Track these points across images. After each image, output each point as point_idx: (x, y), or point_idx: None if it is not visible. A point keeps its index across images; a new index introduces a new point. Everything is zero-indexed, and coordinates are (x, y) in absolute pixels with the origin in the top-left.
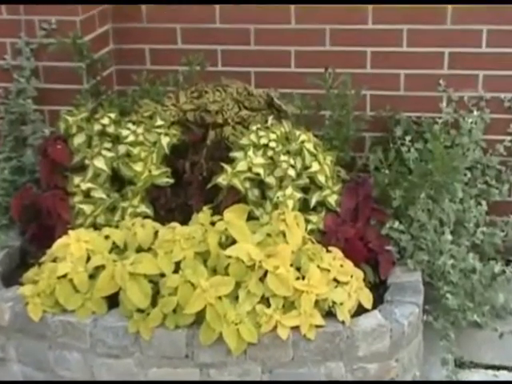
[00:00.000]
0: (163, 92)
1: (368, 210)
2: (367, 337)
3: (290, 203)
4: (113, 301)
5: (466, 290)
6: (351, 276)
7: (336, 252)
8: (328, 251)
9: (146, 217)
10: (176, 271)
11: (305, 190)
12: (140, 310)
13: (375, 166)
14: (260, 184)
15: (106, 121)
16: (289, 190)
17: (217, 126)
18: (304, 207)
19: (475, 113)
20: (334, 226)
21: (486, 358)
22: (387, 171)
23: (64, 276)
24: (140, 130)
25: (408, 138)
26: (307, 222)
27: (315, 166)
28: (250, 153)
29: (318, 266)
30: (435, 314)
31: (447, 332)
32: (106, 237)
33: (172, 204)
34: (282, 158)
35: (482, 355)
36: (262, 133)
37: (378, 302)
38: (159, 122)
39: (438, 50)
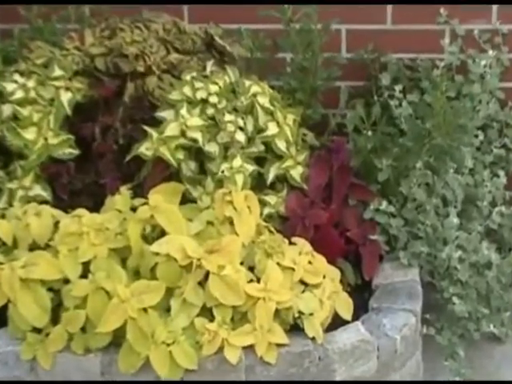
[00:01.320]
0: (62, 31)
1: (345, 187)
2: (346, 357)
3: (239, 179)
4: None
5: (478, 292)
6: (323, 277)
7: (303, 244)
8: (292, 243)
9: (42, 202)
10: (84, 275)
11: (259, 160)
12: (36, 330)
13: (354, 126)
14: (198, 154)
15: None
16: (237, 162)
17: (137, 75)
18: (258, 184)
19: (489, 52)
20: (299, 208)
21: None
22: (370, 133)
23: None
24: (31, 84)
25: (398, 87)
26: (263, 204)
27: (272, 129)
28: (183, 111)
29: (279, 264)
30: (438, 325)
31: (455, 348)
32: None
33: (78, 184)
34: (227, 117)
35: (500, 376)
36: (198, 84)
37: (360, 310)
38: (57, 73)
39: None
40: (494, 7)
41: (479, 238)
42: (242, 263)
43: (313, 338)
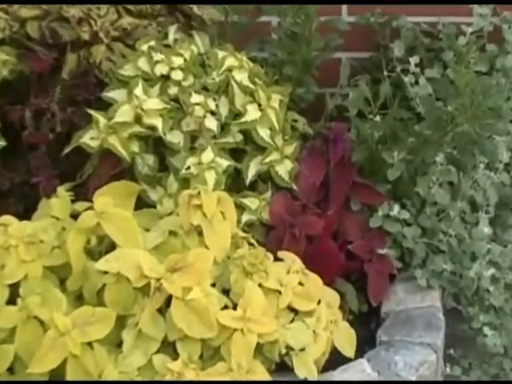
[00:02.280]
0: None
1: (345, 187)
2: None
3: (211, 177)
4: None
5: None
6: (318, 302)
7: (292, 260)
8: (278, 259)
9: None
10: (12, 300)
11: (236, 154)
12: None
13: (358, 109)
14: (157, 146)
15: None
16: (207, 155)
17: (80, 45)
18: (235, 184)
19: None
20: (287, 214)
21: None
22: (378, 118)
23: None
24: None
25: (414, 60)
26: (241, 209)
27: (252, 113)
28: (139, 91)
29: (261, 286)
30: (466, 363)
31: None
32: None
33: (3, 184)
34: (195, 98)
35: None
36: (158, 55)
37: (365, 344)
38: None
39: None
40: None
41: None
42: (213, 285)
43: (305, 380)
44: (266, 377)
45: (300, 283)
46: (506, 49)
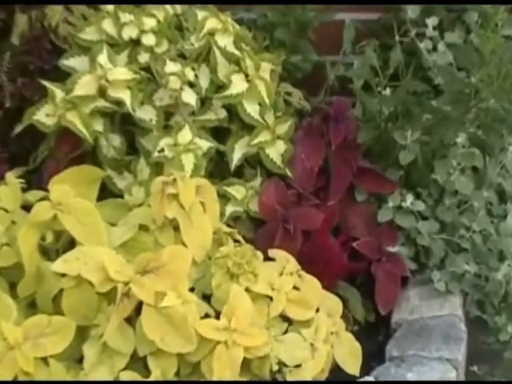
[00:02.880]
0: None
1: (349, 173)
2: None
3: (189, 162)
4: None
5: None
6: (317, 310)
7: (285, 261)
8: (269, 259)
9: None
10: None
11: (219, 134)
12: None
13: (364, 81)
14: (125, 124)
15: None
16: (185, 135)
17: (32, 4)
18: (218, 170)
19: None
20: (279, 206)
21: None
22: (388, 92)
23: None
24: None
25: (432, 22)
26: (225, 199)
27: (238, 84)
28: (103, 58)
29: (249, 291)
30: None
31: None
32: None
33: None
34: (170, 67)
35: None
36: (126, 16)
37: (373, 359)
38: None
39: None
40: None
41: None
42: (192, 289)
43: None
44: None
45: (295, 287)
46: None
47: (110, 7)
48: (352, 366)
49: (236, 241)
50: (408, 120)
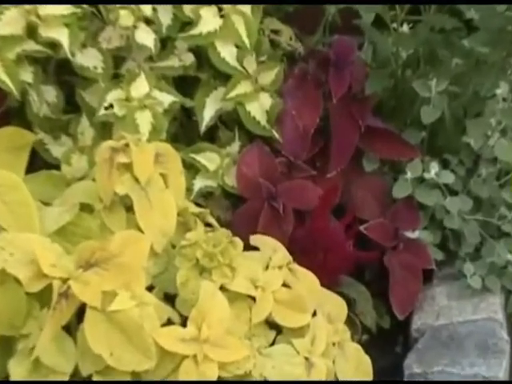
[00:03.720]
0: None
1: (355, 135)
2: None
3: (146, 121)
4: None
5: None
6: (313, 313)
7: (272, 249)
8: (250, 248)
9: None
10: None
11: (185, 84)
12: None
13: (375, 15)
14: (62, 72)
15: None
16: (140, 87)
17: None
18: (185, 131)
19: None
20: (264, 178)
21: None
22: (406, 29)
23: None
24: None
25: None
26: (193, 170)
27: (210, 20)
28: None
29: (224, 289)
30: None
31: None
32: None
33: None
34: None
35: None
36: None
37: (387, 377)
38: None
39: None
40: None
41: None
42: (150, 288)
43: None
44: None
45: (285, 285)
46: None
47: None
48: None
49: (208, 224)
50: (432, 65)
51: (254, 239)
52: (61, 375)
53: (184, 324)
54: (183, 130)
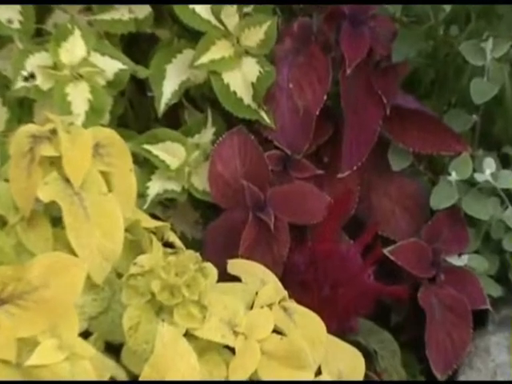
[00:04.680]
0: None
1: (377, 118)
2: None
3: (80, 97)
4: None
5: None
6: (318, 371)
7: (258, 279)
8: (229, 277)
9: None
10: None
11: (136, 45)
12: None
13: None
14: None
15: None
16: (74, 49)
17: None
18: (136, 112)
19: None
20: (249, 179)
21: None
22: None
23: None
24: None
25: None
26: (148, 167)
27: None
28: None
29: (190, 335)
30: None
31: None
32: None
33: None
34: None
35: None
36: None
37: None
38: None
39: None
40: None
41: None
42: (87, 333)
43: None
44: None
45: (277, 330)
46: None
47: None
48: None
49: (168, 244)
50: (488, 21)
51: (234, 266)
52: None
53: None
54: (134, 111)
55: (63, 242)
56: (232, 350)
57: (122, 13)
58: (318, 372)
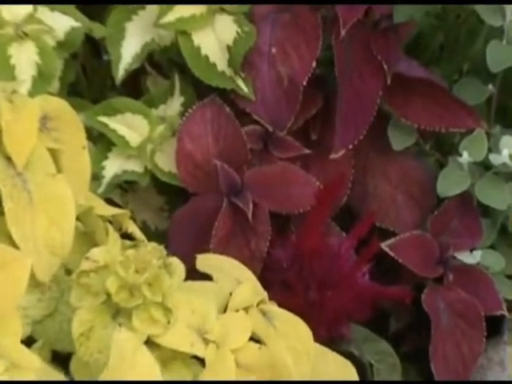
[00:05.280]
0: None
1: (376, 88)
2: None
3: (25, 60)
4: None
5: None
6: None
7: (233, 277)
8: (197, 275)
9: None
10: None
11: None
12: None
13: None
14: None
15: None
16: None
17: None
18: (90, 78)
19: None
20: (223, 158)
21: None
22: None
23: None
24: None
25: None
26: (104, 143)
27: None
28: None
29: (152, 343)
30: None
31: None
32: None
33: None
34: None
35: None
36: None
37: None
38: None
39: None
40: None
41: None
42: (30, 341)
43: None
44: None
45: (255, 339)
46: None
47: None
48: None
49: (127, 236)
50: None
51: (205, 262)
52: None
53: None
54: (88, 78)
55: (3, 232)
56: (202, 362)
57: None
58: None
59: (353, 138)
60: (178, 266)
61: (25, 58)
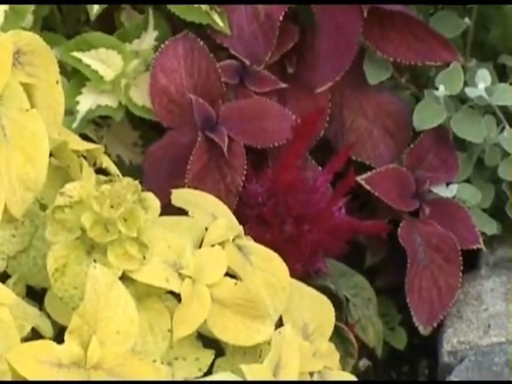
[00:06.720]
0: None
1: (355, 22)
2: None
3: None
4: None
5: None
6: (279, 321)
7: (208, 212)
8: (172, 210)
9: None
10: None
11: None
12: None
13: None
14: None
15: None
16: None
17: None
18: (64, 13)
19: None
20: (197, 92)
21: None
22: None
23: None
24: None
25: None
26: (78, 78)
27: None
28: None
29: (127, 279)
30: None
31: None
32: None
33: None
34: None
35: None
36: None
37: None
38: None
39: None
40: None
41: None
42: (4, 276)
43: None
44: None
45: (230, 274)
46: None
47: None
48: None
49: (101, 171)
50: None
51: (180, 197)
52: None
53: (60, 338)
54: (61, 12)
55: None
56: (177, 297)
57: None
58: (280, 323)
59: (335, 73)
60: (153, 201)
61: None
